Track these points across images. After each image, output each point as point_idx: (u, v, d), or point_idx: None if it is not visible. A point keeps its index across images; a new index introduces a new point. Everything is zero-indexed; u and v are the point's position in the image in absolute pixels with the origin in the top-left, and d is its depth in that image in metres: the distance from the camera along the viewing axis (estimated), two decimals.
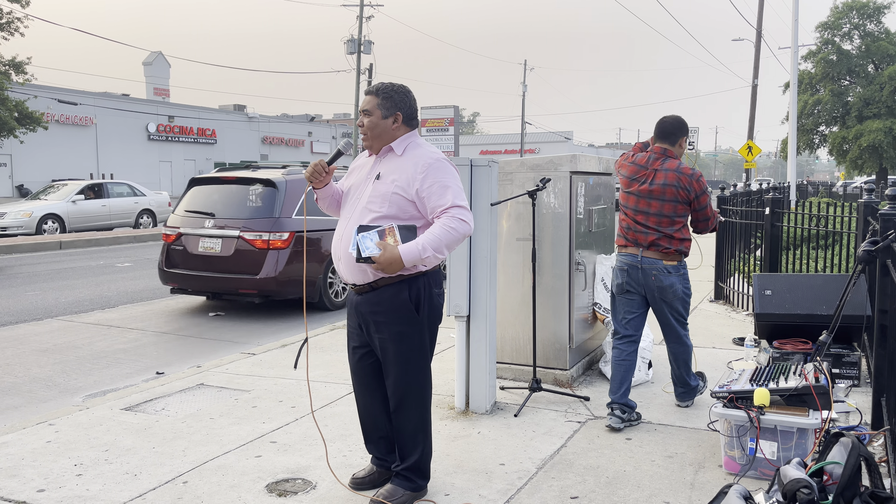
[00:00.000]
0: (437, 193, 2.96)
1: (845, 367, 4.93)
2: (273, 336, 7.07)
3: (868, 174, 35.94)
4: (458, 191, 2.99)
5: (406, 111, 3.10)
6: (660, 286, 4.25)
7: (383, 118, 3.08)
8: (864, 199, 5.73)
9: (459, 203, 2.96)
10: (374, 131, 3.08)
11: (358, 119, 3.18)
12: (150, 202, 20.58)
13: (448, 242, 2.90)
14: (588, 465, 3.65)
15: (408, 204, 3.01)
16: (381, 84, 3.14)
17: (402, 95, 3.12)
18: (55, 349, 6.55)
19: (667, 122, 4.38)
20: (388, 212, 3.00)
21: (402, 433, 3.20)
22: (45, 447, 3.93)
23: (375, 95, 3.10)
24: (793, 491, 2.64)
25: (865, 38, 33.22)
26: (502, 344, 5.11)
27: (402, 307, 3.04)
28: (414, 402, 3.15)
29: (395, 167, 3.05)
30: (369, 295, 3.08)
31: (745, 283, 7.91)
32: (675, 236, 4.25)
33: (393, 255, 2.85)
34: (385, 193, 3.01)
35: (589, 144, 78.51)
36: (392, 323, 3.06)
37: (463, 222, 2.93)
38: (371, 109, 3.09)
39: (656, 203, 4.23)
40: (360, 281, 3.07)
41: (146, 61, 51.52)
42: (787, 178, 14.53)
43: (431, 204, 2.97)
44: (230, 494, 3.34)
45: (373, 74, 36.20)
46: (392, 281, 3.03)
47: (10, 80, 26.63)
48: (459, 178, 3.07)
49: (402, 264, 2.86)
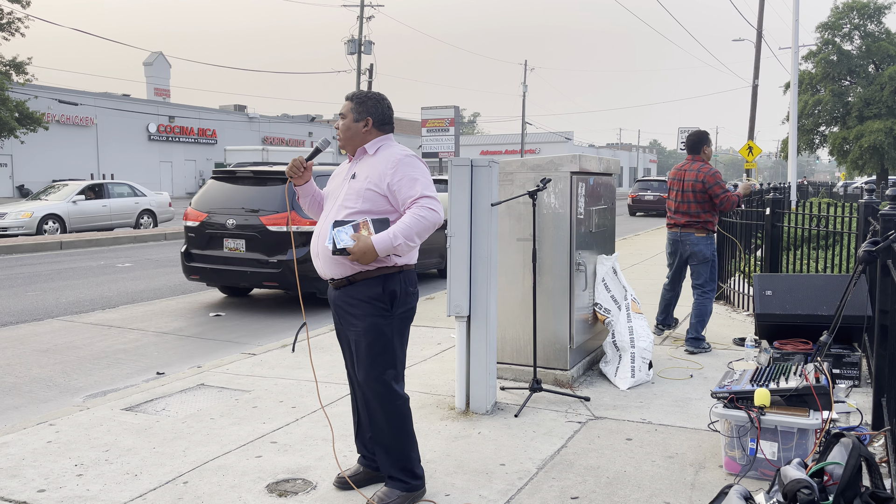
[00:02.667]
0: (407, 185, 3.11)
1: (846, 368, 4.93)
2: (273, 336, 7.07)
3: (869, 174, 35.93)
4: (426, 183, 3.15)
5: (376, 116, 3.26)
6: (691, 251, 6.10)
7: (354, 122, 3.26)
8: (864, 199, 5.73)
9: (428, 193, 3.10)
10: (346, 133, 3.27)
11: None
12: (151, 202, 20.57)
13: (418, 230, 3.03)
14: (588, 466, 3.65)
15: (380, 198, 3.14)
16: (358, 91, 3.35)
17: (375, 102, 3.29)
18: (56, 349, 6.55)
19: (689, 139, 6.24)
20: (363, 207, 3.14)
21: (375, 429, 3.24)
22: (45, 447, 3.93)
23: (350, 101, 3.30)
24: (793, 491, 2.64)
25: (866, 38, 33.22)
26: (503, 344, 5.11)
27: (376, 299, 3.14)
28: (381, 397, 3.19)
29: (368, 165, 3.21)
30: (346, 289, 3.19)
31: (745, 283, 7.91)
32: (701, 217, 6.02)
33: (366, 244, 2.99)
34: (359, 190, 3.16)
35: (590, 145, 78.52)
36: (366, 315, 3.15)
37: (432, 210, 3.06)
38: (345, 113, 3.28)
39: (689, 194, 6.03)
40: (338, 275, 3.18)
41: (147, 61, 51.53)
42: (788, 179, 14.53)
43: (402, 196, 3.11)
44: (230, 494, 3.34)
45: (373, 74, 36.21)
46: (369, 276, 3.14)
47: (11, 81, 26.66)
48: (428, 173, 3.23)
49: (375, 253, 2.99)
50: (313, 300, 8.53)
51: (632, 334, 5.13)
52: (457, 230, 4.30)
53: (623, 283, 5.40)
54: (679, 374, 5.31)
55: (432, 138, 36.38)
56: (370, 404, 3.22)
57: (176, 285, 10.33)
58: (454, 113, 37.00)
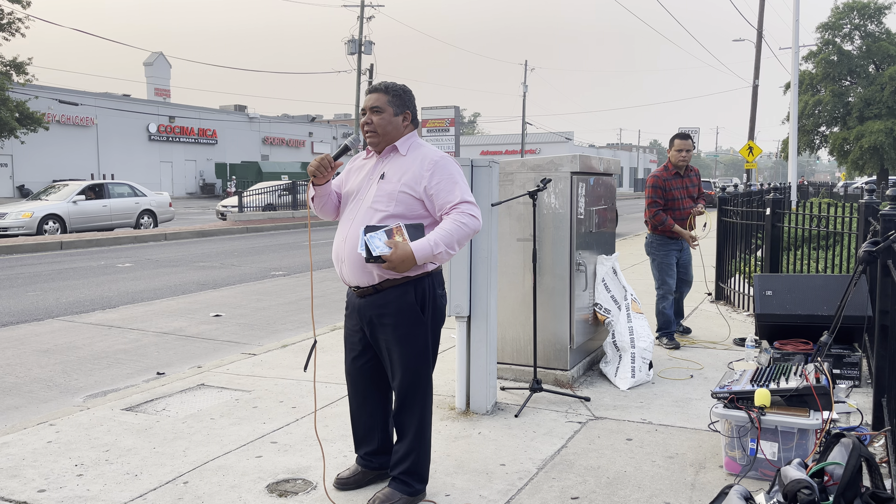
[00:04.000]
0: (446, 190, 2.95)
1: (846, 368, 4.93)
2: (273, 337, 7.07)
3: (869, 175, 35.92)
4: (465, 187, 2.99)
5: (413, 110, 3.12)
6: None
7: (395, 115, 3.06)
8: (864, 199, 5.73)
9: (468, 199, 2.95)
10: (385, 129, 3.06)
11: (364, 117, 3.12)
12: (151, 202, 20.57)
13: (459, 238, 2.88)
14: (589, 466, 3.65)
15: (415, 202, 2.99)
16: (388, 82, 3.13)
17: (410, 94, 3.14)
18: (56, 349, 6.55)
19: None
20: (396, 210, 2.97)
21: (402, 435, 3.19)
22: (45, 447, 3.93)
23: (385, 93, 3.07)
24: (794, 491, 2.63)
25: (866, 38, 33.20)
26: (503, 344, 5.11)
27: (408, 308, 3.02)
28: (417, 404, 3.15)
29: (400, 166, 3.03)
30: (374, 297, 3.05)
31: (745, 283, 7.90)
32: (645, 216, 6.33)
33: (405, 252, 2.81)
34: (392, 192, 2.99)
35: (590, 145, 78.50)
36: (398, 325, 3.04)
37: (473, 218, 2.92)
38: (382, 106, 3.06)
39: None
40: (364, 283, 3.04)
41: (147, 62, 51.57)
42: (788, 179, 14.52)
43: (440, 201, 2.96)
44: (231, 495, 3.34)
45: (373, 75, 36.21)
46: (397, 283, 3.00)
47: (11, 81, 26.66)
48: (464, 177, 3.08)
49: (414, 261, 2.83)
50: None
51: (632, 334, 5.13)
52: None
53: (623, 284, 5.40)
54: (679, 375, 5.31)
55: (432, 138, 36.31)
56: (403, 409, 3.13)
57: (176, 285, 10.33)
58: (454, 113, 36.91)
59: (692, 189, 6.38)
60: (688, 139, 6.31)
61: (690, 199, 6.34)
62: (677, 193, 6.24)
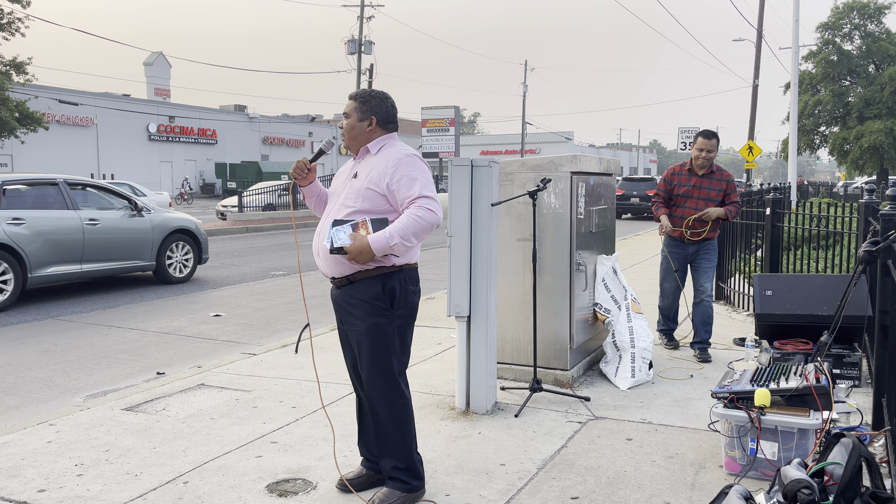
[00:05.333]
0: (406, 185, 3.09)
1: (846, 368, 4.93)
2: (273, 336, 7.07)
3: (869, 175, 35.93)
4: (426, 183, 3.12)
5: (380, 115, 3.24)
6: None
7: (359, 121, 3.24)
8: (864, 199, 5.73)
9: (427, 194, 3.08)
10: (350, 133, 3.26)
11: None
12: (151, 202, 20.56)
13: (415, 230, 3.01)
14: (589, 466, 3.65)
15: (379, 198, 3.13)
16: (361, 90, 3.33)
17: (379, 101, 3.27)
18: (56, 349, 6.55)
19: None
20: (362, 206, 3.13)
21: (378, 429, 3.24)
22: (45, 447, 3.93)
23: (354, 100, 3.27)
24: (793, 491, 2.64)
25: (866, 38, 33.20)
26: (503, 344, 5.11)
27: (376, 298, 3.13)
28: (384, 396, 3.19)
29: (370, 165, 3.20)
30: (347, 288, 3.19)
31: (745, 283, 7.91)
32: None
33: (362, 243, 2.99)
34: (359, 189, 3.15)
35: (590, 145, 78.53)
36: (367, 315, 3.14)
37: (430, 211, 3.04)
38: (349, 112, 3.26)
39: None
40: (337, 274, 3.18)
41: (147, 61, 51.54)
42: (788, 179, 14.53)
43: (401, 196, 3.10)
44: (231, 494, 3.34)
45: (373, 74, 36.20)
46: (369, 275, 3.13)
47: (11, 81, 26.66)
48: (429, 173, 3.21)
49: (371, 253, 2.99)
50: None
51: (632, 334, 5.13)
52: (457, 230, 4.30)
53: (623, 283, 5.40)
54: (679, 374, 5.31)
55: (432, 138, 36.39)
56: (373, 404, 3.22)
57: (176, 285, 10.33)
58: (454, 113, 37.00)
59: (712, 192, 5.80)
60: (712, 139, 5.79)
61: (706, 202, 5.79)
62: (683, 191, 5.83)
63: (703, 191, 5.83)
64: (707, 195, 5.82)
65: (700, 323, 5.87)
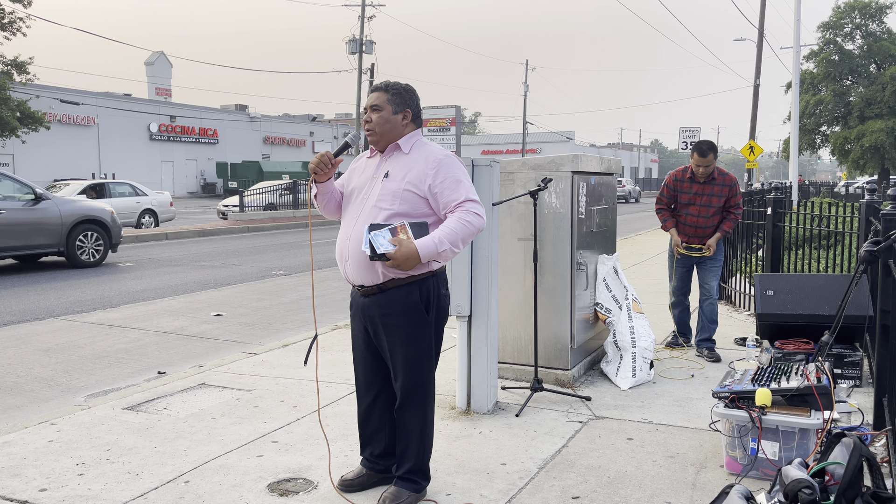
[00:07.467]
0: (451, 188, 2.95)
1: (847, 368, 4.93)
2: (274, 336, 7.08)
3: (870, 174, 35.91)
4: (470, 186, 2.99)
5: (414, 109, 3.09)
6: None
7: (394, 114, 3.05)
8: (865, 199, 5.72)
9: (473, 197, 2.95)
10: (383, 127, 3.05)
11: (365, 115, 3.13)
12: (152, 202, 20.57)
13: (464, 236, 2.88)
14: (589, 465, 3.65)
15: (419, 200, 2.98)
16: (390, 81, 3.13)
17: (411, 93, 3.13)
18: (57, 349, 6.55)
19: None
20: (400, 209, 2.97)
21: (405, 433, 3.18)
22: (46, 447, 3.94)
23: (385, 91, 3.07)
24: (794, 491, 2.63)
25: (867, 38, 33.19)
26: (504, 344, 5.11)
27: (412, 309, 3.02)
28: (419, 403, 3.14)
29: (404, 164, 3.03)
30: (378, 297, 3.04)
31: (746, 283, 7.90)
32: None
33: (409, 249, 2.81)
34: (396, 191, 2.98)
35: (591, 144, 78.53)
36: (403, 326, 3.03)
37: (477, 216, 2.92)
38: (381, 105, 3.05)
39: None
40: (368, 282, 3.03)
41: (148, 61, 51.56)
42: (789, 178, 14.52)
43: (444, 199, 2.95)
44: (231, 494, 3.35)
45: (374, 74, 36.21)
46: (401, 282, 3.00)
47: (13, 80, 26.67)
48: (468, 174, 3.08)
49: (418, 259, 2.82)
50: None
51: (633, 334, 5.13)
52: None
53: (624, 283, 5.40)
54: (680, 374, 5.31)
55: (433, 138, 36.27)
56: (407, 410, 3.13)
57: (177, 285, 10.34)
58: (455, 112, 36.95)
59: (714, 199, 5.74)
60: (707, 155, 5.64)
61: (708, 209, 5.75)
62: (685, 199, 5.81)
63: (706, 198, 5.80)
64: (709, 202, 5.79)
65: (707, 321, 5.91)
